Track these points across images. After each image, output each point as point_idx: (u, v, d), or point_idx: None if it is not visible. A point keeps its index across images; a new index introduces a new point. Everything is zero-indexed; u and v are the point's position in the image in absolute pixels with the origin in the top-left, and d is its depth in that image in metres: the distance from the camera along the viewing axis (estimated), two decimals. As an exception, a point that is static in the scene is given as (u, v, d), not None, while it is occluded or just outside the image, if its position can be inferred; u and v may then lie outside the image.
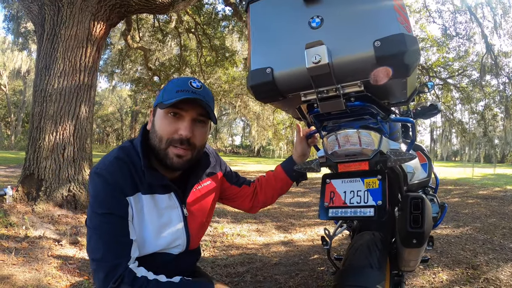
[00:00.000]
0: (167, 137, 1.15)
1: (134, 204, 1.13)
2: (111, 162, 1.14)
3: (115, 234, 1.07)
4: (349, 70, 1.04)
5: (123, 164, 1.14)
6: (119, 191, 1.10)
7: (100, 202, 1.09)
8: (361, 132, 1.13)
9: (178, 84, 1.16)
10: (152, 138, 1.18)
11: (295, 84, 1.13)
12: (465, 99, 13.18)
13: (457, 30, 11.93)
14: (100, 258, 1.04)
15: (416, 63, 1.01)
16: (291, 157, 1.59)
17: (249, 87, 1.20)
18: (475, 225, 4.42)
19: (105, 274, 1.02)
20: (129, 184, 1.13)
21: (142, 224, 1.16)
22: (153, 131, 1.18)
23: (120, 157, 1.16)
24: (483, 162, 25.42)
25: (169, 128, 1.15)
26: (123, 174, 1.13)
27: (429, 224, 1.12)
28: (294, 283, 2.43)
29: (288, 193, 7.61)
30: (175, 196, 1.25)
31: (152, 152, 1.19)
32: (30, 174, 4.21)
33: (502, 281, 2.47)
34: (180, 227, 1.25)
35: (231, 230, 4.05)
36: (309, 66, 1.02)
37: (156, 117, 1.19)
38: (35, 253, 2.81)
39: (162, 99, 1.15)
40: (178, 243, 1.25)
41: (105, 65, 17.35)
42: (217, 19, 11.03)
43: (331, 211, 1.17)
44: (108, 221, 1.08)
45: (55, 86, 4.31)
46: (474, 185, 9.77)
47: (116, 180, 1.11)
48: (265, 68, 1.14)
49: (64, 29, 4.40)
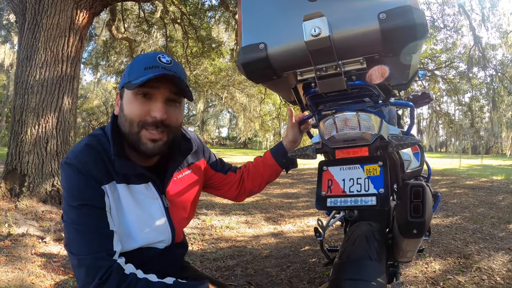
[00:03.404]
0: (138, 119, 1.04)
1: (110, 193, 1.04)
2: (82, 150, 1.04)
3: (94, 226, 0.98)
4: (351, 45, 0.96)
5: (94, 151, 1.05)
6: (93, 180, 1.01)
7: (74, 194, 1.00)
8: (360, 115, 1.05)
9: (145, 61, 1.05)
10: (122, 123, 1.08)
11: (292, 61, 1.05)
12: (452, 90, 13.32)
13: (445, 22, 11.98)
14: (80, 252, 0.96)
15: (423, 39, 0.93)
16: (281, 143, 1.50)
17: (240, 65, 1.10)
18: (464, 214, 4.44)
19: (87, 268, 0.94)
20: (103, 172, 1.04)
21: (121, 215, 1.07)
22: (122, 115, 1.07)
23: (91, 144, 1.06)
24: (471, 154, 25.82)
25: (140, 110, 1.04)
26: (95, 162, 1.03)
27: (429, 213, 1.06)
28: (286, 276, 2.37)
29: (276, 184, 7.58)
30: (153, 186, 1.14)
31: (124, 138, 1.08)
32: (13, 169, 4.05)
33: (494, 270, 2.46)
34: (162, 220, 1.16)
35: (219, 223, 3.98)
36: (308, 39, 0.93)
37: (124, 100, 1.07)
38: (18, 251, 2.69)
39: (129, 78, 1.04)
40: (163, 238, 1.17)
41: (90, 57, 17.01)
42: (204, 9, 10.83)
43: (330, 200, 1.09)
44: (85, 212, 0.99)
45: (37, 77, 4.15)
46: (461, 176, 9.88)
47: (89, 169, 1.01)
48: (258, 43, 1.05)
49: (45, 18, 4.23)
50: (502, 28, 12.27)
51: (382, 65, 0.98)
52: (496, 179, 8.96)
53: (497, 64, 12.37)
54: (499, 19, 11.66)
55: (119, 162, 1.04)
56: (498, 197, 5.83)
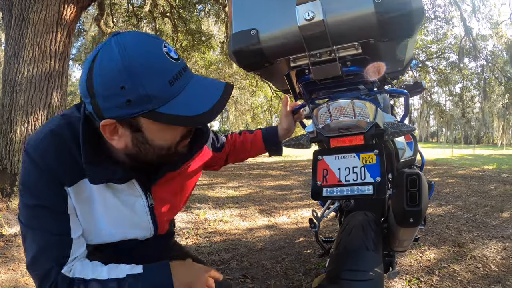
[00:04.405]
0: (178, 139, 0.86)
1: (75, 194, 0.87)
2: (45, 138, 0.84)
3: (50, 232, 0.84)
4: (345, 30, 0.93)
5: (59, 141, 0.84)
6: (53, 180, 0.84)
7: (31, 192, 0.84)
8: (355, 103, 1.03)
9: (158, 67, 0.74)
10: (144, 154, 0.85)
11: (284, 47, 1.01)
12: (443, 81, 13.39)
13: (436, 13, 12.01)
14: (32, 262, 0.83)
15: (420, 23, 0.90)
16: (276, 129, 1.42)
17: (231, 53, 1.07)
18: (457, 203, 4.46)
19: (39, 281, 0.83)
20: (68, 170, 0.84)
21: (93, 215, 0.91)
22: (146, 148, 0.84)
23: (57, 131, 0.85)
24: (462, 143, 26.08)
25: (181, 133, 0.86)
26: (59, 157, 0.84)
27: (425, 202, 1.05)
28: (282, 268, 2.36)
29: (269, 177, 7.59)
30: (137, 183, 0.95)
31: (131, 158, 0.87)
32: (3, 169, 3.98)
33: (488, 258, 2.47)
34: (145, 219, 1.01)
35: (213, 216, 3.96)
36: (301, 24, 0.90)
37: (146, 130, 0.80)
38: (11, 252, 2.64)
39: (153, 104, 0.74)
40: (143, 234, 1.03)
41: (79, 53, 16.74)
42: (193, 2, 10.72)
43: (325, 190, 1.06)
44: (41, 215, 0.84)
45: (25, 74, 4.07)
46: (453, 165, 9.97)
47: (50, 166, 0.83)
48: (249, 30, 1.01)
49: (32, 14, 4.15)
50: (493, 19, 12.38)
51: (379, 61, 0.95)
52: (488, 168, 9.05)
53: (488, 55, 12.47)
54: (490, 10, 11.78)
55: (92, 170, 0.84)
56: (490, 186, 5.89)
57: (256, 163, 11.36)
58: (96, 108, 0.76)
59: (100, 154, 0.86)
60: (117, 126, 0.79)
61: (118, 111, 0.75)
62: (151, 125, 0.78)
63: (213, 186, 6.09)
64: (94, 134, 0.85)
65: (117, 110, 0.75)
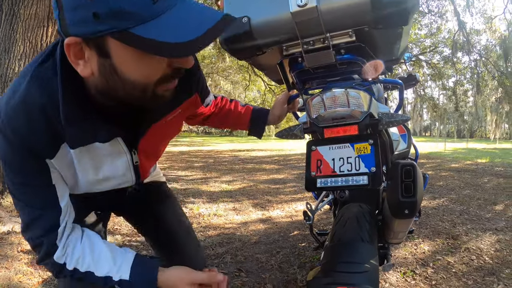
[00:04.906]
0: (158, 78, 0.71)
1: (58, 161, 0.82)
2: (16, 110, 0.74)
3: (37, 207, 0.84)
4: (339, 16, 0.90)
5: (34, 110, 0.74)
6: (32, 156, 0.78)
7: (11, 169, 0.80)
8: (349, 92, 1.00)
9: None
10: (113, 88, 0.71)
11: (277, 34, 0.98)
12: (436, 75, 13.44)
13: (429, 7, 12.02)
14: (25, 229, 0.87)
15: (415, 10, 0.88)
16: (267, 112, 1.38)
17: (222, 41, 1.04)
18: (451, 196, 4.48)
19: (32, 247, 0.88)
20: (48, 141, 0.77)
21: (74, 174, 0.89)
22: (112, 80, 0.69)
23: (30, 101, 0.74)
24: (456, 137, 26.25)
25: (159, 67, 0.70)
26: (36, 130, 0.75)
27: (421, 193, 1.03)
28: (276, 262, 2.35)
29: (263, 170, 7.57)
30: (122, 141, 0.90)
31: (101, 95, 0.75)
32: (-5, 166, 3.93)
33: (482, 250, 2.48)
34: (128, 174, 0.99)
35: (207, 211, 3.94)
36: (294, 10, 0.87)
37: (115, 57, 0.65)
38: (4, 250, 2.61)
39: (121, 20, 0.58)
40: (125, 184, 1.04)
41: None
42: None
43: (319, 181, 1.04)
44: (26, 191, 0.83)
45: (16, 70, 4.00)
46: (446, 159, 10.03)
47: (25, 143, 0.76)
48: (241, 17, 0.98)
49: (23, 8, 4.08)
50: (486, 14, 12.44)
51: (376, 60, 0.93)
52: (481, 162, 9.12)
53: (481, 49, 12.54)
54: (484, 4, 11.87)
55: (72, 130, 0.77)
56: (483, 179, 5.93)
57: (250, 157, 11.34)
58: (63, 24, 0.62)
59: (83, 107, 0.76)
60: (83, 47, 0.64)
61: (84, 27, 0.60)
62: (122, 51, 0.63)
63: (206, 181, 6.06)
64: (74, 82, 0.74)
65: (82, 26, 0.60)
